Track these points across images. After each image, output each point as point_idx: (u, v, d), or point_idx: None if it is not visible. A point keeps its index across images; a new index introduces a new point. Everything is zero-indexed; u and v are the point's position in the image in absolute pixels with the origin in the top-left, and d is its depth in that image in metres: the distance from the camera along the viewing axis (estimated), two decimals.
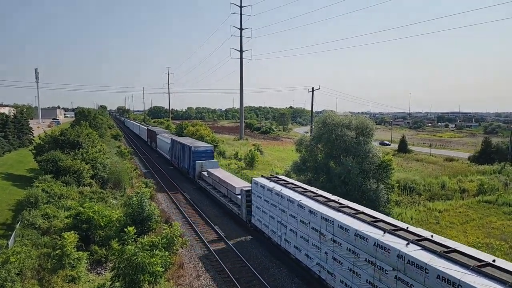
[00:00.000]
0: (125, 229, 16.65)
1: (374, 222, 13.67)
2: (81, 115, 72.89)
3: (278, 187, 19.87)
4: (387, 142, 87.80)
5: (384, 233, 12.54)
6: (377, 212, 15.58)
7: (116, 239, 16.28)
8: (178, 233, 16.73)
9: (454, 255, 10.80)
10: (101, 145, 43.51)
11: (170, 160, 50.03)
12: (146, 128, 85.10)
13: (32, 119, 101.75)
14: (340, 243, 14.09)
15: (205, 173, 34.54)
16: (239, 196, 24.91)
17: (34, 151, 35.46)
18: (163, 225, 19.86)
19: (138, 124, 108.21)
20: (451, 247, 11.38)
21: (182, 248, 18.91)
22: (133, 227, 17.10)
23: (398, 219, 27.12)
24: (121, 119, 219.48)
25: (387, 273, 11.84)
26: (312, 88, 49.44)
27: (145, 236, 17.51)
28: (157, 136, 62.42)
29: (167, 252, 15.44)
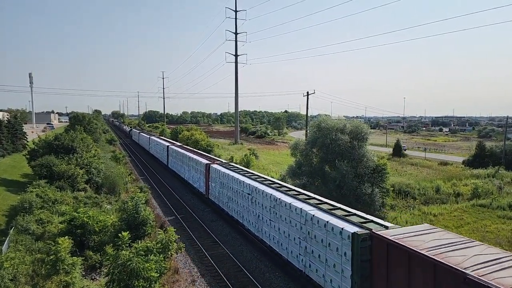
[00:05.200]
0: (120, 234, 16.59)
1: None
2: (76, 119, 72.39)
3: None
4: None
5: None
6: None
7: (111, 244, 16.22)
8: (173, 238, 16.68)
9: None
10: (96, 150, 43.38)
11: None
12: (240, 179, 22.86)
13: (26, 123, 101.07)
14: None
15: None
16: None
17: (28, 156, 35.24)
18: (158, 230, 19.80)
19: (185, 152, 38.89)
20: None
21: (177, 254, 18.82)
22: (128, 232, 17.05)
23: (393, 223, 27.27)
24: (122, 127, 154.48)
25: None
26: (307, 92, 49.67)
27: (140, 241, 17.45)
28: None
29: (162, 257, 15.39)
